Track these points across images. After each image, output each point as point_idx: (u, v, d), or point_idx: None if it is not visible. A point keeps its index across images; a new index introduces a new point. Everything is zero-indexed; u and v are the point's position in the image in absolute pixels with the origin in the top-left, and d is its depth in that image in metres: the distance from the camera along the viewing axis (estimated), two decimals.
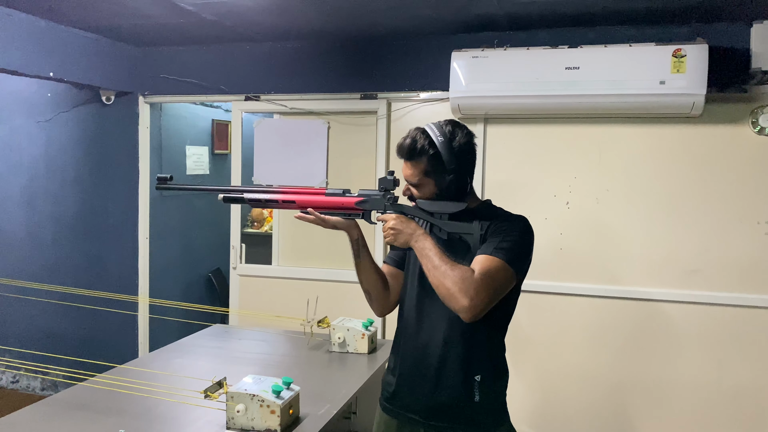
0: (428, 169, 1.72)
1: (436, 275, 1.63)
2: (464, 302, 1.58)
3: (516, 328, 3.33)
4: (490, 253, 1.65)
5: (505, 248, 1.66)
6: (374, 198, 1.78)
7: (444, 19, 3.14)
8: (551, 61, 3.06)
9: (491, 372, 1.78)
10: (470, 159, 1.77)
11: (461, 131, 1.75)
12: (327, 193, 1.81)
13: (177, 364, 2.44)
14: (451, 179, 1.72)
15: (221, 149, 5.10)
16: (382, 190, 1.77)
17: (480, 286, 1.59)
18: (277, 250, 3.93)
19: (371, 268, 1.89)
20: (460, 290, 1.58)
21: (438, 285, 1.63)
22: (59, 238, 4.37)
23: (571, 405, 3.34)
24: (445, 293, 1.62)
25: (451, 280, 1.60)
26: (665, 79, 2.90)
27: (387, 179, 1.77)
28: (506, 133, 3.40)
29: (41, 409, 1.99)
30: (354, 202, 1.79)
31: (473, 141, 1.78)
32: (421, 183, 1.75)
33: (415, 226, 1.72)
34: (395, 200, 1.78)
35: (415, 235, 1.70)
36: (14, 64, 3.22)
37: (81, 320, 4.19)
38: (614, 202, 3.26)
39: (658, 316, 3.21)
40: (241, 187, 1.91)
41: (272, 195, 1.84)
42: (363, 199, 1.78)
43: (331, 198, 1.81)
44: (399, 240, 1.72)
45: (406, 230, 1.71)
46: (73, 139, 4.28)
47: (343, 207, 1.80)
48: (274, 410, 1.79)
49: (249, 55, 3.82)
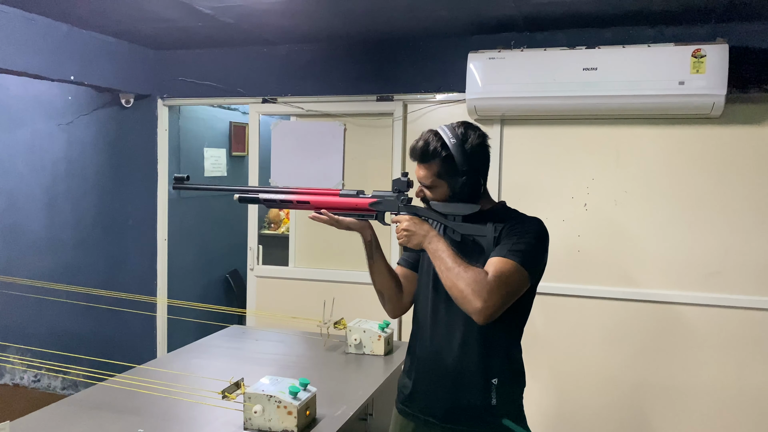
0: (441, 171, 1.72)
1: (450, 277, 1.62)
2: (477, 304, 1.57)
3: (533, 331, 3.32)
4: (504, 255, 1.65)
5: (519, 250, 1.65)
6: (388, 199, 1.78)
7: (460, 20, 3.14)
8: (569, 62, 3.04)
9: (508, 375, 1.77)
10: (483, 160, 1.76)
11: (474, 133, 1.75)
12: (341, 194, 1.81)
13: (195, 365, 2.46)
14: (464, 181, 1.71)
15: (239, 151, 5.14)
16: (396, 191, 1.77)
17: (493, 288, 1.58)
18: (294, 252, 3.94)
19: (384, 269, 1.90)
20: (473, 292, 1.58)
21: (451, 287, 1.63)
22: (79, 240, 4.42)
23: (588, 408, 3.31)
24: (458, 295, 1.61)
25: (464, 282, 1.59)
26: (684, 79, 2.87)
27: (401, 180, 1.76)
28: (523, 135, 3.39)
29: (61, 408, 2.01)
30: (368, 203, 1.80)
31: (486, 142, 1.77)
32: (434, 185, 1.75)
33: (429, 228, 1.72)
34: (409, 201, 1.78)
35: (429, 237, 1.70)
36: (36, 67, 3.27)
37: (101, 321, 4.24)
38: (633, 203, 3.23)
39: (677, 319, 3.17)
40: (256, 188, 1.93)
41: (287, 195, 1.85)
42: (377, 200, 1.79)
43: (345, 199, 1.81)
44: (412, 241, 1.72)
45: (419, 232, 1.71)
46: (93, 142, 4.33)
47: (357, 208, 1.80)
48: (291, 411, 1.80)
49: (266, 57, 3.84)
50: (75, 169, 4.40)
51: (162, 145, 4.18)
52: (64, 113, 4.39)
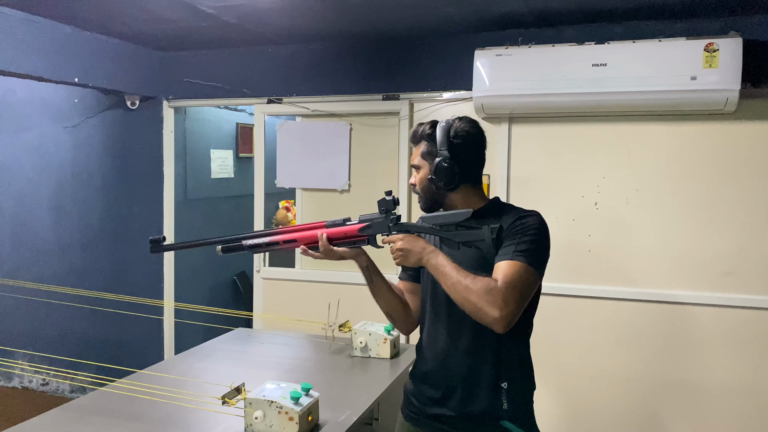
0: (425, 151, 1.75)
1: (458, 291, 1.57)
2: (495, 314, 1.53)
3: (543, 332, 3.25)
4: (510, 258, 1.59)
5: (524, 250, 1.60)
6: (377, 221, 1.72)
7: (466, 17, 3.09)
8: (578, 58, 2.99)
9: (518, 377, 1.72)
10: (465, 148, 1.71)
11: (464, 121, 1.74)
12: (327, 224, 1.76)
13: (198, 369, 2.43)
14: (442, 162, 1.67)
15: (246, 152, 5.10)
16: (384, 211, 1.72)
17: (508, 295, 1.53)
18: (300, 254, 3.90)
19: (387, 291, 1.86)
20: (487, 303, 1.53)
21: (462, 302, 1.57)
22: (86, 242, 4.41)
23: (600, 410, 3.25)
24: (472, 309, 1.56)
25: (475, 295, 1.54)
26: (697, 74, 2.81)
27: (386, 200, 1.71)
28: (532, 133, 3.33)
29: (62, 414, 1.99)
30: (357, 229, 1.74)
31: (474, 131, 1.73)
32: (418, 165, 1.76)
33: (424, 244, 1.66)
34: (398, 220, 1.73)
35: (425, 253, 1.65)
36: (39, 70, 3.25)
37: (108, 324, 4.23)
38: (644, 202, 3.16)
39: (691, 320, 3.10)
40: (240, 235, 1.84)
41: (272, 237, 1.80)
42: (366, 225, 1.73)
43: (333, 229, 1.75)
44: (409, 260, 1.67)
45: (414, 249, 1.66)
46: (99, 144, 4.32)
47: (347, 236, 1.75)
48: (292, 417, 1.76)
49: (271, 57, 3.81)
50: (81, 172, 4.40)
51: (168, 146, 4.16)
52: (71, 116, 4.39)
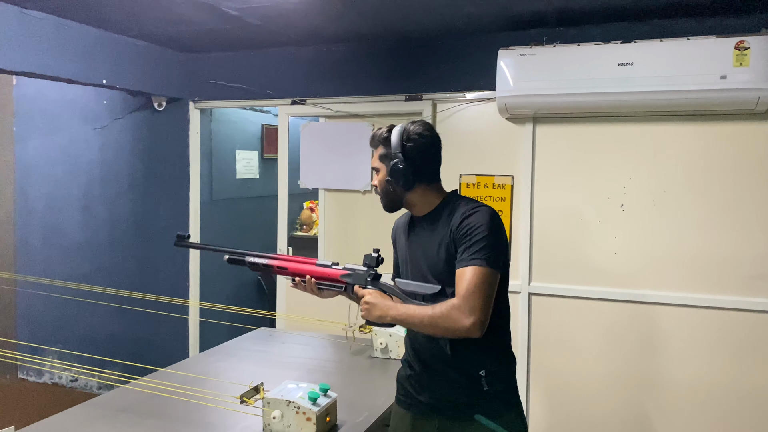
0: (382, 154, 1.85)
1: (426, 325, 1.69)
2: (465, 324, 1.63)
3: (569, 335, 3.22)
4: (466, 264, 1.68)
5: (476, 251, 1.68)
6: (357, 273, 1.87)
7: (489, 17, 3.06)
8: (603, 57, 2.94)
9: (496, 364, 1.80)
10: (418, 150, 1.80)
11: (418, 125, 1.83)
12: (317, 263, 1.93)
13: (219, 368, 2.45)
14: (397, 164, 1.78)
15: (271, 153, 5.14)
16: (366, 266, 1.86)
17: (473, 302, 1.63)
18: (323, 253, 3.92)
19: None
20: (455, 321, 1.64)
21: (435, 332, 1.71)
22: (114, 242, 4.48)
23: (615, 414, 3.19)
24: (445, 332, 1.69)
25: (441, 319, 1.65)
26: (727, 73, 2.74)
27: (371, 256, 1.86)
28: (556, 133, 3.29)
29: (85, 410, 2.02)
30: (339, 275, 1.89)
31: (426, 134, 1.82)
32: (377, 168, 1.87)
33: (389, 304, 1.76)
34: (377, 277, 1.86)
35: (387, 309, 1.75)
36: (69, 72, 3.31)
37: (135, 322, 4.29)
38: (672, 204, 3.10)
39: (719, 324, 3.02)
40: (246, 251, 2.07)
41: (269, 261, 2.00)
42: (347, 273, 1.88)
43: (320, 269, 1.92)
44: (372, 314, 1.78)
45: (379, 304, 1.77)
46: (127, 145, 4.39)
47: (330, 278, 1.90)
48: (309, 417, 1.76)
49: (294, 59, 3.83)
50: (109, 173, 4.47)
51: (194, 147, 4.20)
52: (100, 117, 4.47)
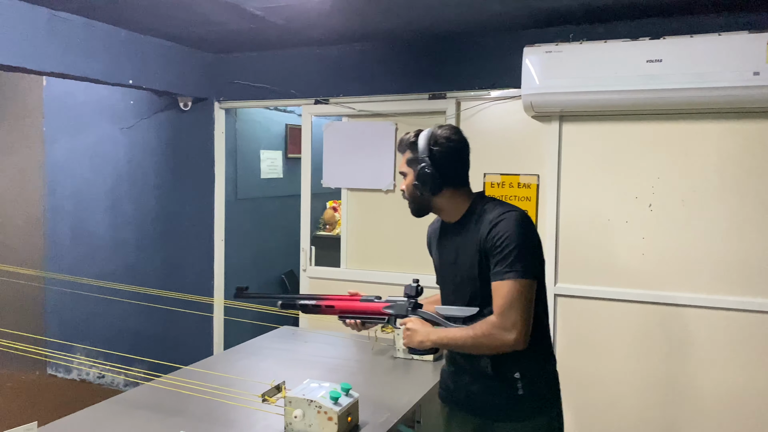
0: (409, 159, 1.89)
1: (469, 346, 1.77)
2: (509, 340, 1.69)
3: (595, 337, 3.16)
4: (502, 278, 1.71)
5: (511, 263, 1.71)
6: (399, 303, 1.97)
7: (514, 13, 3.02)
8: (631, 54, 2.89)
9: (532, 365, 1.81)
10: (445, 153, 1.83)
11: (445, 129, 1.86)
12: (362, 299, 2.04)
13: (242, 366, 2.45)
14: (424, 169, 1.81)
15: (295, 153, 5.15)
16: (406, 296, 1.95)
17: (513, 317, 1.68)
18: (346, 253, 3.91)
19: None
20: (497, 339, 1.70)
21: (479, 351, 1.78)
22: (140, 241, 4.54)
23: (642, 418, 3.12)
24: (489, 350, 1.75)
25: (485, 340, 1.72)
26: (760, 69, 2.68)
27: (411, 287, 1.94)
28: (583, 132, 3.24)
29: (108, 407, 2.04)
30: (382, 307, 2.00)
31: (454, 138, 1.85)
32: (404, 172, 1.91)
33: (429, 330, 1.84)
34: (417, 306, 1.95)
35: (428, 334, 1.83)
36: (96, 72, 3.36)
37: (161, 320, 4.33)
38: (702, 204, 3.03)
39: (751, 328, 2.94)
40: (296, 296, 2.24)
41: (318, 301, 2.10)
42: (389, 305, 1.99)
43: (364, 304, 2.04)
44: (413, 339, 1.85)
45: (419, 330, 1.85)
46: (153, 145, 4.44)
47: (373, 312, 2.01)
48: (331, 417, 1.75)
49: (318, 58, 3.83)
50: (136, 172, 4.52)
51: (219, 147, 4.23)
52: (126, 117, 4.52)
